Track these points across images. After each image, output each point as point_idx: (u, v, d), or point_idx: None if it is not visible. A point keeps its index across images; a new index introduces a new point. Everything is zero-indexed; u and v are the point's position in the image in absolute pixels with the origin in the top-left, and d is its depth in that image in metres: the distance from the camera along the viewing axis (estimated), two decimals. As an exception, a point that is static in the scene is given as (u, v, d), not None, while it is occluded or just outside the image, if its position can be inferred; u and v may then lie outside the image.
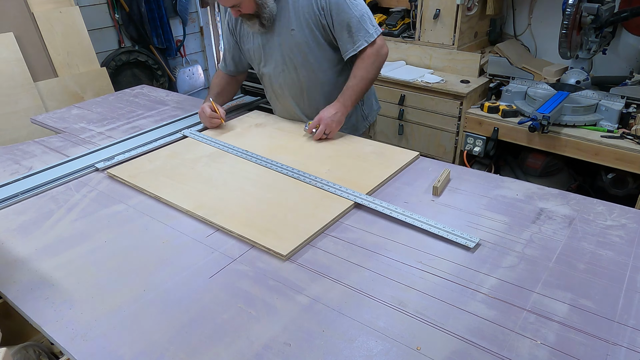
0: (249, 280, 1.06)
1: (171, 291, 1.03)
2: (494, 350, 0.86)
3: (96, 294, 1.03)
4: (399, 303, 0.98)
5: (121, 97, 2.32)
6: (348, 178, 1.44)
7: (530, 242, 1.16)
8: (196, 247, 1.18)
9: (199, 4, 4.14)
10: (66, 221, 1.30)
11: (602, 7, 2.27)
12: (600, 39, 2.42)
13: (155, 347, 0.89)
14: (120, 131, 1.90)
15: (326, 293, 1.02)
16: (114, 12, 3.47)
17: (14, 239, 1.23)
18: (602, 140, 2.13)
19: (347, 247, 1.16)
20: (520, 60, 2.88)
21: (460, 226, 1.23)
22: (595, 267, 1.07)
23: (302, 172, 1.48)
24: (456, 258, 1.11)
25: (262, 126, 1.87)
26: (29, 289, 1.05)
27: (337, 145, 1.67)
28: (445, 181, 1.42)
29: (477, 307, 0.96)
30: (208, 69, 4.40)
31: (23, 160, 1.68)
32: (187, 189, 1.41)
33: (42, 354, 1.27)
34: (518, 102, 2.46)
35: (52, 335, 0.93)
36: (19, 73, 2.77)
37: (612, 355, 0.85)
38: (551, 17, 2.86)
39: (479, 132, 2.52)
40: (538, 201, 1.33)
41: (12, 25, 2.81)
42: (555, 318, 0.93)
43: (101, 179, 1.52)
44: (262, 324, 0.94)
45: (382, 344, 0.89)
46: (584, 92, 2.35)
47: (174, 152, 1.66)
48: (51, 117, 2.07)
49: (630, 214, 1.25)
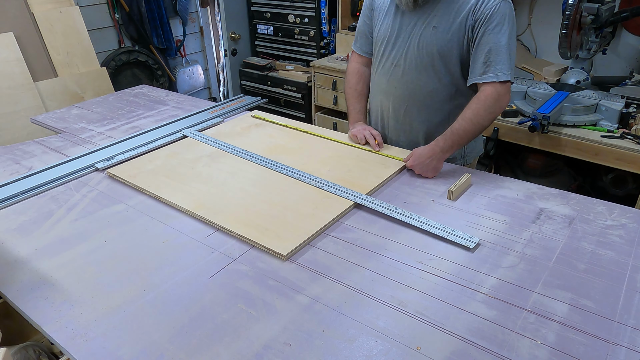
0: (249, 280, 1.06)
1: (171, 291, 1.03)
2: (493, 350, 0.86)
3: (96, 294, 1.03)
4: (399, 303, 0.98)
5: (121, 97, 2.32)
6: (348, 178, 1.44)
7: (530, 242, 1.16)
8: (196, 247, 1.18)
9: (199, 4, 4.14)
10: (66, 221, 1.30)
11: (602, 7, 2.27)
12: (600, 39, 2.42)
13: (155, 347, 0.89)
14: (120, 131, 1.90)
15: (326, 293, 1.02)
16: (114, 12, 3.47)
17: (14, 239, 1.23)
18: (602, 140, 2.12)
19: (347, 247, 1.16)
20: (520, 60, 2.88)
21: (460, 226, 1.23)
22: (595, 267, 1.07)
23: (302, 172, 1.48)
24: (456, 258, 1.11)
25: (262, 126, 1.87)
26: (29, 289, 1.05)
27: (337, 145, 1.67)
28: (463, 186, 1.37)
29: (477, 307, 0.96)
30: (208, 69, 4.40)
31: (23, 160, 1.67)
32: (187, 189, 1.41)
33: (42, 354, 1.26)
34: (518, 102, 2.46)
35: (52, 335, 0.93)
36: (19, 73, 2.77)
37: (612, 355, 0.85)
38: (551, 17, 2.86)
39: (479, 132, 2.51)
40: (538, 201, 1.33)
41: (12, 25, 2.80)
42: (555, 318, 0.93)
43: (101, 179, 1.52)
44: (262, 324, 0.94)
45: (382, 344, 0.89)
46: (584, 92, 2.35)
47: (174, 152, 1.66)
48: (51, 117, 2.07)
49: (630, 214, 1.25)
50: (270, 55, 3.78)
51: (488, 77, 1.46)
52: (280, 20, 3.54)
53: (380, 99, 1.71)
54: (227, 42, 3.71)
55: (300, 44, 3.52)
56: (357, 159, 1.57)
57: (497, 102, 1.46)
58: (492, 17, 1.42)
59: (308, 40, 3.44)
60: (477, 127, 1.47)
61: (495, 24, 1.42)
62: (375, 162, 1.54)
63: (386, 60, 1.62)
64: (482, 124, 1.47)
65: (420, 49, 1.52)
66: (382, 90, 1.68)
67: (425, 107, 1.61)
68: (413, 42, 1.53)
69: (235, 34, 3.72)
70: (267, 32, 3.68)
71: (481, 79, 1.47)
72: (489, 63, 1.45)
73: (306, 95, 3.39)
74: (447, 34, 1.48)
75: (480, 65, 1.46)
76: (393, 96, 1.65)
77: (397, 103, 1.65)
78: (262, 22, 3.68)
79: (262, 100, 2.23)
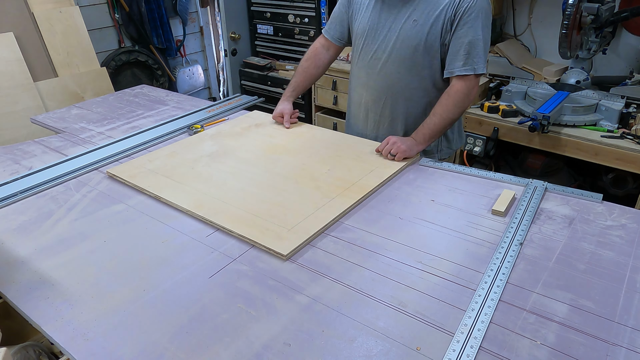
0: (249, 280, 1.06)
1: (171, 291, 1.03)
2: (493, 351, 0.86)
3: (96, 294, 1.03)
4: (399, 303, 0.98)
5: (121, 97, 2.32)
6: (348, 178, 1.44)
7: (530, 242, 1.16)
8: (196, 246, 1.18)
9: (199, 4, 4.14)
10: (66, 221, 1.30)
11: (602, 7, 2.27)
12: (600, 39, 2.42)
13: (155, 347, 0.89)
14: (120, 131, 1.90)
15: (326, 293, 1.02)
16: (114, 12, 3.47)
17: (14, 239, 1.23)
18: (602, 140, 2.12)
19: (347, 247, 1.16)
20: (520, 60, 2.88)
21: (460, 226, 1.23)
22: (595, 267, 1.07)
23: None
24: (456, 258, 1.11)
25: (262, 126, 1.87)
26: (29, 289, 1.05)
27: (337, 145, 1.67)
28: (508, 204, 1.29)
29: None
30: (208, 68, 4.40)
31: (23, 160, 1.67)
32: (187, 189, 1.41)
33: (42, 354, 1.26)
34: (518, 102, 2.46)
35: (52, 335, 0.93)
36: (19, 73, 2.77)
37: (612, 355, 0.85)
38: (551, 17, 2.86)
39: (479, 132, 2.52)
40: (538, 201, 1.33)
41: (12, 25, 2.80)
42: (555, 318, 0.93)
43: (101, 179, 1.52)
44: (262, 324, 0.94)
45: (382, 344, 0.89)
46: (584, 92, 2.35)
47: (174, 152, 1.66)
48: (51, 117, 2.07)
49: (630, 214, 1.25)
50: (270, 55, 3.78)
51: (466, 69, 1.51)
52: (280, 20, 3.54)
53: (359, 91, 1.75)
54: (227, 42, 3.71)
55: (300, 44, 3.51)
56: (357, 159, 1.57)
57: (467, 97, 1.54)
58: (470, 10, 1.47)
59: (308, 40, 3.44)
60: (447, 121, 1.55)
61: (473, 18, 1.47)
62: (375, 162, 1.54)
63: (366, 54, 1.67)
64: (452, 118, 1.55)
65: (400, 42, 1.57)
66: (361, 83, 1.73)
67: (404, 99, 1.66)
68: (393, 36, 1.58)
69: (235, 34, 3.72)
70: (267, 32, 3.68)
71: (460, 71, 1.52)
72: (467, 56, 1.50)
73: (306, 95, 3.39)
74: (427, 27, 1.52)
75: (458, 57, 1.51)
76: (372, 89, 1.69)
77: (376, 95, 1.69)
78: (262, 22, 3.67)
79: (259, 99, 2.24)
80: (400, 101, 1.66)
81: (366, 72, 1.69)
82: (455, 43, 1.51)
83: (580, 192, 1.34)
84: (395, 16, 1.57)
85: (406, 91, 1.64)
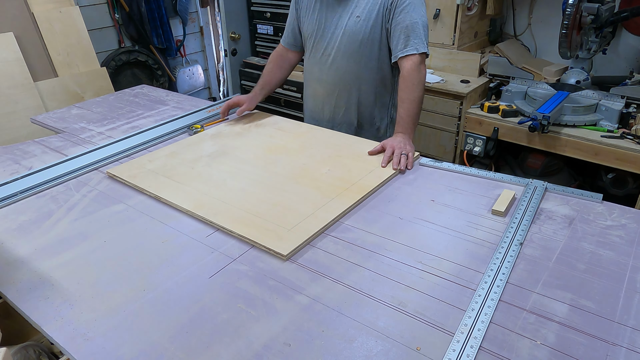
0: (249, 280, 1.06)
1: (171, 291, 1.03)
2: (493, 350, 0.86)
3: (96, 294, 1.03)
4: (399, 303, 0.98)
5: (121, 97, 2.32)
6: (348, 178, 1.44)
7: (530, 242, 1.16)
8: (196, 247, 1.18)
9: (199, 4, 4.14)
10: (66, 221, 1.30)
11: (602, 7, 2.27)
12: (600, 39, 2.42)
13: (155, 347, 0.89)
14: (120, 131, 1.90)
15: (326, 293, 1.02)
16: (114, 12, 3.47)
17: (14, 239, 1.23)
18: (602, 140, 2.13)
19: (347, 247, 1.16)
20: (520, 60, 2.88)
21: (460, 226, 1.23)
22: (595, 267, 1.07)
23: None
24: (456, 258, 1.11)
25: (262, 126, 1.87)
26: (29, 289, 1.05)
27: (337, 145, 1.67)
28: (508, 203, 1.29)
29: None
30: (208, 69, 4.40)
31: (23, 160, 1.67)
32: (187, 189, 1.41)
33: (42, 354, 1.26)
34: (518, 102, 2.46)
35: (52, 335, 0.93)
36: (19, 73, 2.77)
37: (612, 355, 0.85)
38: (551, 17, 2.86)
39: (479, 132, 2.52)
40: (538, 201, 1.33)
41: (12, 25, 2.80)
42: (555, 318, 0.93)
43: (101, 179, 1.52)
44: (262, 324, 0.94)
45: (382, 344, 0.89)
46: (584, 92, 2.35)
47: (174, 152, 1.66)
48: (51, 117, 2.07)
49: (630, 214, 1.25)
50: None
51: (409, 49, 1.65)
52: (280, 20, 3.53)
53: (314, 86, 1.91)
54: (227, 42, 3.71)
55: (300, 44, 3.51)
56: (357, 159, 1.57)
57: (419, 73, 1.66)
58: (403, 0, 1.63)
59: (308, 40, 3.44)
60: (415, 101, 1.66)
61: (406, 4, 1.63)
62: (375, 162, 1.54)
63: (317, 51, 1.83)
64: (417, 96, 1.66)
65: (347, 38, 1.72)
66: (315, 77, 1.89)
67: (356, 89, 1.81)
68: (339, 32, 1.73)
69: (235, 34, 3.72)
70: (267, 32, 3.67)
71: (403, 52, 1.66)
72: (408, 38, 1.64)
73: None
74: (369, 21, 1.68)
75: (400, 41, 1.66)
76: (325, 82, 1.84)
77: (329, 89, 1.85)
78: (262, 22, 3.67)
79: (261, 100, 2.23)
80: (352, 92, 1.81)
81: (319, 68, 1.84)
82: (395, 30, 1.66)
83: (580, 192, 1.34)
84: (340, 14, 1.72)
85: (356, 82, 1.79)
